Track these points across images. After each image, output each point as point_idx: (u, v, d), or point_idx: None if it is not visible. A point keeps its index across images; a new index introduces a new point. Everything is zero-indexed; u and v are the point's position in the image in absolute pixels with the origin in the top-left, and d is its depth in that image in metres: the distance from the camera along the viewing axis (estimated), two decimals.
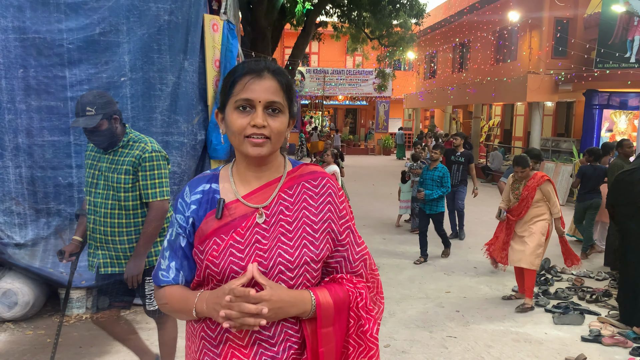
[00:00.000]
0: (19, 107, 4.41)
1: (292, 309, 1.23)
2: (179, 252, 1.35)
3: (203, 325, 1.31)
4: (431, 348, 4.13)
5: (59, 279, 4.44)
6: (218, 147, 4.99)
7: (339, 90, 26.68)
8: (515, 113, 19.45)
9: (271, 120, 1.26)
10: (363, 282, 1.36)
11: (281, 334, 1.26)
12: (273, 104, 1.26)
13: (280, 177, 1.35)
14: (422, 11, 13.94)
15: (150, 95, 4.68)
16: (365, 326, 1.31)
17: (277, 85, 1.27)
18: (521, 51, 16.39)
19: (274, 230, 1.29)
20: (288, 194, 1.33)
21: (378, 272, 1.46)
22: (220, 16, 5.12)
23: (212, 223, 1.30)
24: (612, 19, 13.09)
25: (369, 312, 1.33)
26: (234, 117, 1.27)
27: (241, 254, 1.26)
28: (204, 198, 1.34)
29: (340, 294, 1.29)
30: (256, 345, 1.26)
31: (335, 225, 1.34)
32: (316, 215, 1.32)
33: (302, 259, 1.27)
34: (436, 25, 22.08)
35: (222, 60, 5.09)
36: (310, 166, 1.41)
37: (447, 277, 6.12)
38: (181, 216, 1.35)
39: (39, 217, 4.56)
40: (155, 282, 1.38)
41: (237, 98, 1.26)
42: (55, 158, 4.52)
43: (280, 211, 1.31)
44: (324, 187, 1.36)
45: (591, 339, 4.31)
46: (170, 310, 1.36)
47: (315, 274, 1.31)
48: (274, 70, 1.29)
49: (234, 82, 1.27)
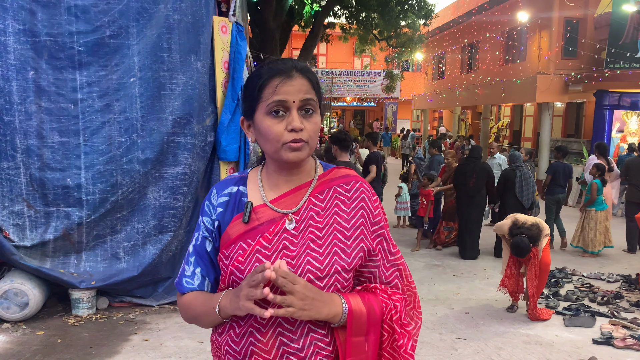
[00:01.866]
0: (30, 109, 4.45)
1: (324, 309, 1.14)
2: (205, 257, 1.30)
3: (227, 338, 1.25)
4: (441, 350, 4.11)
5: (70, 280, 4.47)
6: (227, 148, 5.00)
7: (347, 91, 26.68)
8: (525, 114, 19.32)
9: (306, 122, 1.20)
10: (399, 294, 1.29)
11: (311, 347, 1.18)
12: (308, 102, 1.20)
13: (310, 181, 1.28)
14: (431, 12, 13.89)
15: (160, 95, 4.68)
16: (399, 341, 1.23)
17: (308, 83, 1.21)
18: (530, 52, 16.28)
19: (303, 236, 1.22)
20: (319, 199, 1.26)
21: (415, 285, 1.38)
22: (229, 18, 5.13)
23: (239, 227, 1.24)
24: (622, 19, 12.97)
25: (403, 327, 1.25)
26: (267, 123, 1.19)
27: (268, 260, 1.19)
28: (231, 201, 1.29)
29: (374, 304, 1.21)
30: (284, 358, 1.18)
31: (368, 232, 1.26)
32: (348, 221, 1.25)
33: (332, 268, 1.20)
34: (445, 26, 22.00)
35: (230, 62, 5.10)
36: (342, 169, 1.33)
37: (456, 278, 6.09)
38: (208, 219, 1.30)
39: (49, 219, 4.58)
40: (179, 290, 1.31)
41: (269, 102, 1.18)
42: (65, 159, 4.55)
43: (311, 217, 1.24)
44: (357, 191, 1.29)
45: (603, 341, 4.26)
46: (193, 316, 1.29)
47: (346, 284, 1.24)
48: (302, 68, 1.22)
49: (263, 86, 1.19)
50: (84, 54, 4.50)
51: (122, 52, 4.57)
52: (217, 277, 1.31)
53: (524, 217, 4.84)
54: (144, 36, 4.59)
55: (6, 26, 4.33)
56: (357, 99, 27.62)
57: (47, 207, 4.56)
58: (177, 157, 4.77)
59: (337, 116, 30.65)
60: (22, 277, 4.41)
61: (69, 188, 4.56)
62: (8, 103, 4.39)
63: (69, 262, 4.61)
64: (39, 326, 4.36)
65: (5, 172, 4.44)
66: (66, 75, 4.50)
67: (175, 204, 4.81)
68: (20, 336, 4.17)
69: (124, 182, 4.65)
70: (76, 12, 4.45)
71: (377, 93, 26.43)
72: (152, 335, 4.23)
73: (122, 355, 3.87)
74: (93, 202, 4.60)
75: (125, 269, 4.66)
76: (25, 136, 4.45)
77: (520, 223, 4.67)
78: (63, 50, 4.45)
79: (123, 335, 4.22)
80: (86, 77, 4.53)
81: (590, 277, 6.15)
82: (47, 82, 4.47)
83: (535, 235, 4.57)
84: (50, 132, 4.51)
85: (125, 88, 4.60)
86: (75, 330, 4.29)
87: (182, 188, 4.81)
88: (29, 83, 4.43)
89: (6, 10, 4.32)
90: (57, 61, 4.46)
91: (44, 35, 4.41)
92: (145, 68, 4.61)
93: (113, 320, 4.52)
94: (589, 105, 15.48)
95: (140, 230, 4.76)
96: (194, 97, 4.79)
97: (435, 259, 6.94)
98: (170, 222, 4.82)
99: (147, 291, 4.87)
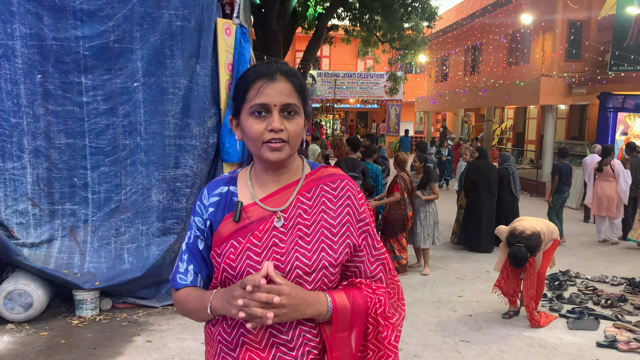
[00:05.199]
0: (38, 111, 4.56)
1: (309, 309, 1.20)
2: (197, 255, 1.35)
3: (220, 329, 1.31)
4: (444, 352, 4.10)
5: (74, 280, 4.50)
6: (230, 150, 5.02)
7: (350, 93, 26.69)
8: (528, 116, 19.30)
9: (288, 123, 1.24)
10: (383, 288, 1.34)
11: (299, 338, 1.25)
12: (289, 106, 1.25)
13: (298, 180, 1.33)
14: (434, 14, 13.89)
15: (163, 99, 4.76)
16: (383, 333, 1.28)
17: (290, 87, 1.25)
18: (534, 54, 16.26)
19: (292, 233, 1.27)
20: (306, 197, 1.31)
21: (398, 278, 1.44)
22: (233, 20, 5.16)
23: (230, 226, 1.29)
24: (626, 21, 12.94)
25: (387, 319, 1.30)
26: (249, 123, 1.25)
27: (258, 257, 1.25)
28: (222, 201, 1.33)
29: (358, 299, 1.27)
30: (274, 348, 1.24)
31: (354, 229, 1.32)
32: (335, 218, 1.30)
33: (320, 263, 1.25)
34: (448, 28, 22.01)
35: (234, 64, 5.13)
36: (329, 168, 1.38)
37: (459, 281, 6.08)
38: (199, 219, 1.35)
39: (54, 217, 4.67)
40: (173, 285, 1.38)
41: (252, 103, 1.24)
42: (71, 160, 4.66)
43: (299, 214, 1.29)
44: (343, 189, 1.34)
45: (607, 344, 4.25)
46: (187, 311, 1.35)
47: (333, 278, 1.29)
48: (287, 72, 1.27)
49: (247, 88, 1.25)
50: (89, 58, 4.57)
51: (126, 57, 4.64)
52: (209, 273, 1.37)
53: (523, 225, 4.63)
54: (147, 41, 4.67)
55: (13, 30, 4.40)
56: (360, 101, 27.63)
57: (52, 206, 4.67)
58: (179, 160, 4.84)
59: (340, 118, 30.66)
60: (26, 278, 4.43)
61: (75, 187, 4.68)
62: (16, 105, 4.49)
63: (72, 262, 4.64)
64: (43, 327, 4.38)
65: (9, 172, 4.54)
66: (72, 78, 4.58)
67: (178, 206, 4.85)
68: (24, 337, 4.19)
69: (127, 183, 4.76)
70: (82, 16, 4.51)
71: (380, 95, 26.43)
72: (155, 336, 4.25)
73: (126, 356, 3.88)
74: (98, 200, 4.72)
75: (129, 270, 4.69)
76: (34, 137, 4.56)
77: (518, 232, 4.53)
78: (69, 54, 4.53)
79: (126, 336, 4.24)
80: (91, 80, 4.61)
81: (594, 280, 6.14)
82: (54, 86, 4.56)
83: (533, 246, 4.45)
84: (57, 133, 4.62)
85: (129, 92, 4.68)
86: (79, 331, 4.31)
87: (184, 190, 4.85)
88: (36, 86, 4.53)
89: (13, 14, 4.38)
90: (63, 65, 4.54)
91: (50, 40, 4.48)
92: (148, 74, 4.69)
93: (116, 322, 4.54)
94: (592, 108, 15.45)
95: (144, 231, 4.81)
96: (195, 99, 4.84)
97: (438, 261, 6.93)
98: (173, 224, 4.85)
99: (151, 292, 4.90)
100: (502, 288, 4.87)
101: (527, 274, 4.61)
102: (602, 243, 8.16)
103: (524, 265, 4.52)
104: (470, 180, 7.57)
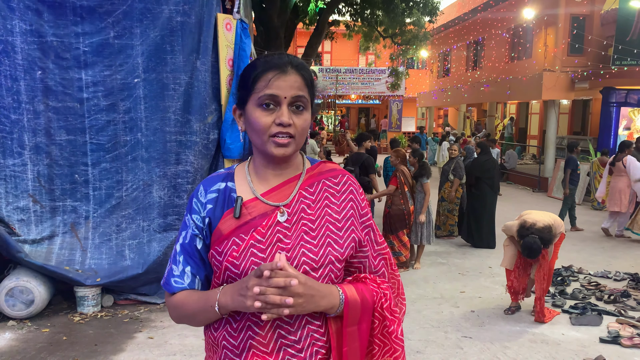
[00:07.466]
0: (38, 108, 4.55)
1: (323, 301, 1.16)
2: (194, 255, 1.28)
3: (224, 333, 1.24)
4: (446, 348, 4.09)
5: (75, 277, 4.50)
6: (232, 146, 5.00)
7: (352, 89, 26.63)
8: (531, 111, 19.22)
9: (296, 118, 1.21)
10: (386, 283, 1.33)
11: (307, 338, 1.21)
12: (299, 99, 1.21)
13: (299, 174, 1.30)
14: (436, 9, 13.80)
15: (163, 95, 4.75)
16: (390, 327, 1.27)
17: (301, 80, 1.22)
18: (536, 49, 16.18)
19: (297, 228, 1.23)
20: (309, 191, 1.28)
21: (399, 273, 1.44)
22: (234, 15, 5.13)
23: (230, 223, 1.24)
24: (629, 15, 12.86)
25: (393, 314, 1.28)
26: (256, 114, 1.20)
27: (263, 254, 1.20)
28: (220, 197, 1.28)
29: (366, 293, 1.25)
30: (282, 351, 1.20)
31: (357, 223, 1.30)
32: (339, 213, 1.28)
33: (327, 258, 1.23)
34: (450, 23, 21.90)
35: (235, 59, 5.11)
36: (329, 164, 1.37)
37: (461, 277, 6.07)
38: (197, 216, 1.28)
39: (55, 214, 4.67)
40: (168, 290, 1.29)
41: (261, 94, 1.19)
42: (72, 156, 4.65)
43: (302, 209, 1.26)
44: (345, 184, 1.32)
45: (610, 340, 4.24)
46: (185, 315, 1.27)
47: (339, 273, 1.27)
48: (298, 64, 1.23)
49: (257, 78, 1.21)
50: (89, 54, 4.57)
51: (126, 53, 4.63)
52: (207, 274, 1.30)
53: (533, 218, 4.58)
54: (148, 37, 4.65)
55: (13, 26, 4.39)
56: (362, 97, 27.56)
57: (53, 202, 4.67)
58: (180, 156, 4.84)
59: (341, 114, 30.60)
60: (28, 275, 4.43)
61: (76, 183, 4.68)
62: (16, 102, 4.48)
63: (74, 259, 4.64)
64: (44, 323, 4.38)
65: (10, 168, 4.53)
66: (72, 74, 4.58)
67: (179, 202, 4.85)
68: (25, 333, 4.19)
69: (128, 179, 4.75)
70: (82, 12, 4.50)
71: (382, 91, 26.34)
72: (156, 333, 4.24)
73: (127, 352, 3.88)
74: (99, 197, 4.72)
75: (130, 266, 4.69)
76: (34, 134, 4.56)
77: (529, 225, 4.48)
78: (69, 50, 4.53)
79: (128, 332, 4.24)
80: (91, 76, 4.60)
81: (597, 276, 6.11)
82: (54, 82, 4.55)
83: (547, 238, 4.42)
84: (58, 130, 4.61)
85: (129, 88, 4.67)
86: (81, 328, 4.31)
87: (185, 186, 4.85)
88: (36, 82, 4.51)
89: (13, 10, 4.37)
90: (64, 61, 4.53)
91: (50, 36, 4.48)
92: (149, 70, 4.68)
93: (118, 318, 4.54)
94: (595, 103, 15.38)
95: (145, 228, 4.80)
96: (196, 95, 4.83)
97: (440, 257, 6.92)
98: (174, 220, 4.85)
99: (152, 289, 4.90)
100: (515, 287, 4.87)
101: (540, 266, 4.59)
102: (606, 238, 8.16)
103: (537, 256, 4.45)
104: (473, 176, 7.54)
